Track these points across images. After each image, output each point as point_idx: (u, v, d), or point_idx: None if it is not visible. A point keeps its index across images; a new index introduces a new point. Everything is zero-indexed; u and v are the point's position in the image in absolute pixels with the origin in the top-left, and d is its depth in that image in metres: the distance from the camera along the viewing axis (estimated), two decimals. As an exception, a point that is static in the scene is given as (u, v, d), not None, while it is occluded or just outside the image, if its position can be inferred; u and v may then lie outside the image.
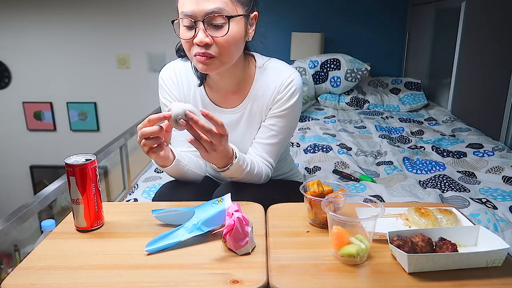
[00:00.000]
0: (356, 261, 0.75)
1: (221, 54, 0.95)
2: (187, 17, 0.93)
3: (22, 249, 2.51)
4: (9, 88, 4.25)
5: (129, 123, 2.65)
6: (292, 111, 1.07)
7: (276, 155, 1.11)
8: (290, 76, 1.05)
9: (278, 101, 1.06)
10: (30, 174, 4.44)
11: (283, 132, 1.09)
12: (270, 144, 1.09)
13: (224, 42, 0.94)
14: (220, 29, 0.93)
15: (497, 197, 1.52)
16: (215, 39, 0.93)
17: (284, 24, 3.66)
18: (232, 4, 0.94)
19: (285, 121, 1.08)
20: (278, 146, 1.10)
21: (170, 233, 0.81)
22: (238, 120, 1.11)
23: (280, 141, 1.10)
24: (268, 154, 1.10)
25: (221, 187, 1.10)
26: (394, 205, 1.00)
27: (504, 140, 2.16)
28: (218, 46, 0.94)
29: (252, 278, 0.71)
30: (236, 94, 1.10)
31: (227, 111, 1.11)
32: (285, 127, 1.08)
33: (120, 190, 2.39)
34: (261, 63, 1.09)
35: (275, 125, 1.08)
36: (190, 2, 0.92)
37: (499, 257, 0.73)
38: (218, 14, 0.92)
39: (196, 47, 0.94)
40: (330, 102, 3.15)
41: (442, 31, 3.11)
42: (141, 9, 3.93)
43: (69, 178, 0.84)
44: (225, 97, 1.11)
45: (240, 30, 0.96)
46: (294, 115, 1.09)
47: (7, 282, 0.70)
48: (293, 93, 1.05)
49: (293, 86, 1.05)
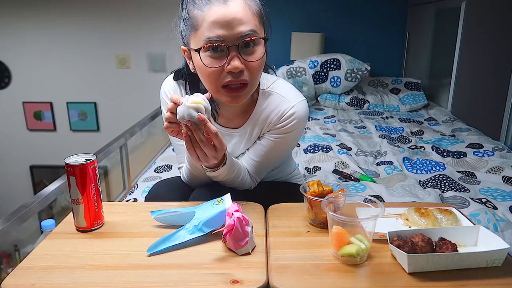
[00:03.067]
0: (356, 261, 0.75)
1: (253, 79, 0.91)
2: (218, 42, 0.85)
3: (22, 249, 2.50)
4: (9, 88, 4.25)
5: (129, 123, 2.65)
6: (288, 139, 1.04)
7: (261, 173, 1.08)
8: (293, 107, 0.99)
9: (276, 128, 1.02)
10: (30, 174, 4.44)
11: (273, 156, 1.06)
12: (257, 162, 1.06)
13: (257, 66, 0.89)
14: (253, 53, 0.88)
15: (497, 197, 1.52)
16: (249, 64, 0.88)
17: (284, 24, 3.67)
18: (260, 26, 0.91)
19: (279, 145, 1.04)
20: (265, 165, 1.07)
21: (171, 235, 0.81)
22: (239, 141, 1.09)
23: (269, 162, 1.07)
24: (254, 170, 1.06)
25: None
26: (394, 205, 1.00)
27: (504, 140, 2.16)
28: (251, 71, 0.89)
29: (252, 278, 0.71)
30: (239, 117, 1.06)
31: (229, 130, 1.09)
32: (277, 151, 1.06)
33: (120, 190, 2.39)
34: (266, 85, 1.04)
35: (267, 147, 1.04)
36: (221, 26, 0.85)
37: (499, 257, 0.73)
38: (254, 37, 0.87)
39: (227, 75, 0.88)
40: (330, 102, 3.15)
41: (442, 31, 3.11)
42: (141, 9, 3.93)
43: (69, 178, 0.84)
44: (229, 118, 1.07)
45: (264, 53, 0.91)
46: (290, 142, 1.06)
47: (7, 282, 0.70)
48: (293, 125, 1.00)
49: (294, 119, 0.99)
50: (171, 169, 1.91)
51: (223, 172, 0.98)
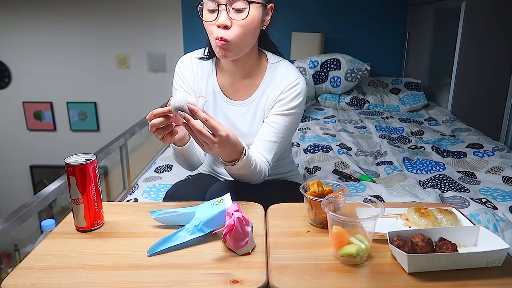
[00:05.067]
0: (356, 261, 0.75)
1: (237, 37, 1.00)
2: (211, 0, 0.99)
3: (22, 249, 2.50)
4: (9, 88, 4.25)
5: (129, 123, 2.64)
6: (293, 113, 1.11)
7: (274, 154, 1.12)
8: (296, 80, 1.11)
9: (281, 100, 1.10)
10: (30, 174, 4.44)
11: (283, 132, 1.11)
12: (270, 141, 1.11)
13: (242, 25, 1.00)
14: (240, 12, 0.99)
15: (497, 197, 1.52)
16: (235, 22, 0.99)
17: (284, 24, 3.64)
18: None
19: (286, 121, 1.11)
20: (277, 145, 1.12)
21: (172, 236, 0.81)
22: (245, 113, 1.15)
23: (280, 141, 1.12)
24: (267, 152, 1.11)
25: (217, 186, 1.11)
26: (394, 205, 1.00)
27: (504, 140, 2.16)
28: (234, 30, 1.00)
29: (252, 278, 0.71)
30: (246, 87, 1.15)
31: (236, 103, 1.16)
32: (285, 127, 1.11)
33: (120, 190, 2.39)
34: (273, 61, 1.16)
35: (276, 123, 1.10)
36: None
37: (499, 257, 0.73)
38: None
39: (216, 30, 1.00)
40: (330, 102, 3.15)
41: (442, 31, 3.11)
42: (141, 9, 3.93)
43: (69, 178, 0.84)
44: (236, 88, 1.15)
45: (257, 17, 1.03)
46: (295, 117, 1.12)
47: (7, 282, 0.70)
48: (296, 95, 1.10)
49: (297, 89, 1.10)
50: (171, 169, 1.91)
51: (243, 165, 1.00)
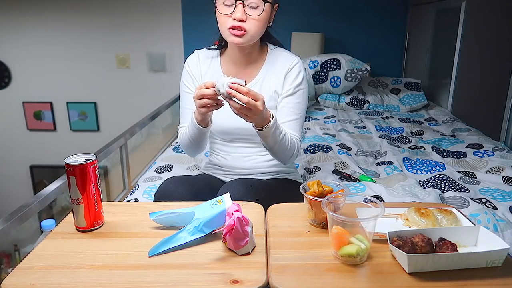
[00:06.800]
0: (356, 261, 0.75)
1: (251, 30, 1.14)
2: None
3: (22, 249, 2.50)
4: (9, 88, 4.25)
5: (129, 123, 2.64)
6: (301, 88, 1.26)
7: (299, 130, 1.26)
8: (295, 59, 1.28)
9: (288, 78, 1.25)
10: (30, 174, 4.44)
11: (299, 107, 1.25)
12: (291, 120, 1.24)
13: (256, 20, 1.14)
14: (254, 9, 1.13)
15: (497, 197, 1.52)
16: (250, 17, 1.14)
17: (284, 24, 3.65)
18: None
19: (297, 97, 1.25)
20: (298, 121, 1.25)
21: (172, 237, 0.81)
22: None
23: (299, 117, 1.26)
24: (293, 129, 1.23)
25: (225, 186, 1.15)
26: (394, 205, 1.00)
27: (504, 140, 2.16)
28: (251, 23, 1.14)
29: (252, 278, 0.71)
30: (249, 73, 1.28)
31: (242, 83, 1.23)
32: (298, 104, 1.25)
33: (120, 190, 2.39)
34: (273, 48, 1.33)
35: (290, 103, 1.24)
36: None
37: (499, 257, 0.73)
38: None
39: (231, 21, 1.13)
40: (330, 102, 3.15)
41: (442, 31, 3.11)
42: (141, 9, 3.93)
43: (69, 178, 0.84)
44: (239, 73, 1.27)
45: (267, 15, 1.18)
46: (304, 93, 1.27)
47: (7, 282, 0.70)
48: (299, 72, 1.26)
49: (298, 67, 1.26)
50: (172, 169, 1.91)
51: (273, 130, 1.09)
